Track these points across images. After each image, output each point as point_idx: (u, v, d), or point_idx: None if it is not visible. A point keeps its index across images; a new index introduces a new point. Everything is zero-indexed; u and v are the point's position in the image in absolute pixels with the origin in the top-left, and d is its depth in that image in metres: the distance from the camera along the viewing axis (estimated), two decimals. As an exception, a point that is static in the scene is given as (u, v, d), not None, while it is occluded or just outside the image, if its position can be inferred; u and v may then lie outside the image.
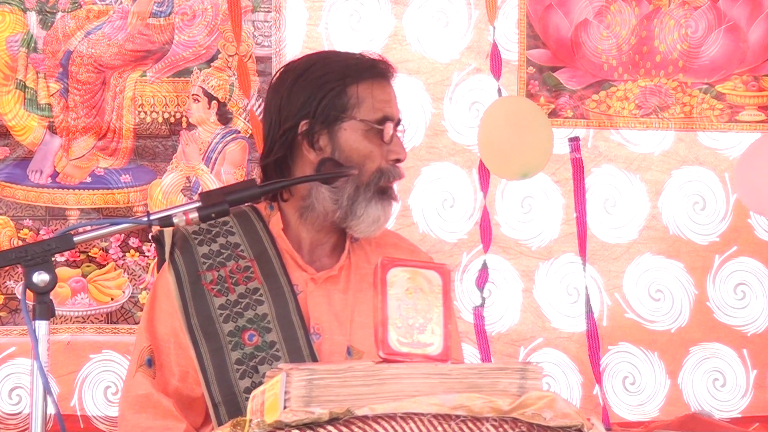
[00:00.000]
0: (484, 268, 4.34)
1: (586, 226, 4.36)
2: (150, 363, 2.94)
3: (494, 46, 4.36)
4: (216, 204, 2.61)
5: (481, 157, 4.32)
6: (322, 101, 2.95)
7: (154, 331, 2.95)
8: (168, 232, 2.99)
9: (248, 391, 2.82)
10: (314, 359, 2.86)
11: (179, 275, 2.94)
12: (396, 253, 3.08)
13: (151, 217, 2.58)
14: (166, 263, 2.96)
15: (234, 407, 2.84)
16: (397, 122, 2.99)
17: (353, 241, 3.04)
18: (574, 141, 4.38)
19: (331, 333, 2.94)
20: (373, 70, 2.99)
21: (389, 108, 2.98)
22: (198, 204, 2.61)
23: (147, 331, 2.96)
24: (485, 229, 4.33)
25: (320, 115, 2.95)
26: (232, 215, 2.94)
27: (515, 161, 4.29)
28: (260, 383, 2.76)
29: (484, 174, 4.34)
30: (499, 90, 4.36)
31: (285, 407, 2.08)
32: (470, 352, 4.30)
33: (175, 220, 2.58)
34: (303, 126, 2.96)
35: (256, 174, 3.82)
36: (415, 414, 2.10)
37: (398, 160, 2.96)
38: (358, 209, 2.94)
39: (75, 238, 2.52)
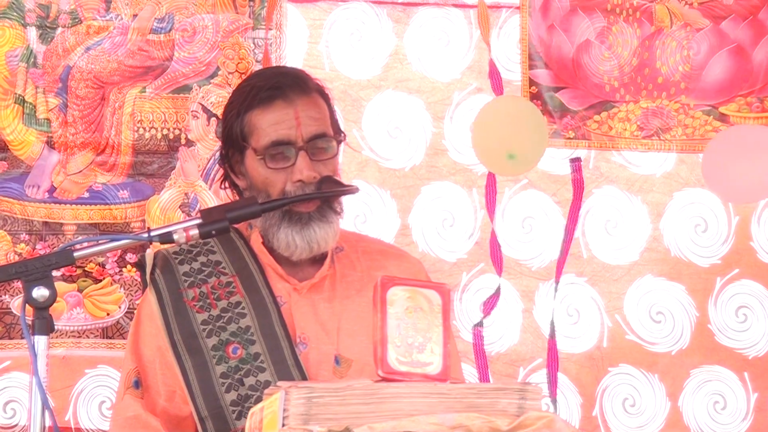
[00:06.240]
0: (497, 294, 4.33)
1: (570, 244, 4.36)
2: (137, 385, 2.96)
3: (492, 63, 4.35)
4: (217, 221, 2.61)
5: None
6: (226, 130, 3.01)
7: (140, 353, 2.97)
8: (149, 255, 3.02)
9: (235, 404, 2.85)
10: (299, 369, 2.88)
11: (160, 294, 2.96)
12: (384, 259, 3.10)
13: (152, 234, 2.58)
14: (148, 285, 2.98)
15: (221, 421, 2.85)
16: (313, 138, 2.94)
17: (338, 251, 3.04)
18: (576, 162, 4.38)
19: (317, 342, 2.95)
20: (265, 94, 2.96)
21: (283, 130, 2.94)
22: (198, 221, 2.61)
23: (133, 354, 2.98)
24: (495, 255, 4.32)
25: (229, 143, 3.00)
26: None
27: (501, 142, 4.26)
28: (246, 396, 2.83)
29: (491, 194, 4.33)
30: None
31: (283, 425, 2.09)
32: (468, 372, 4.29)
33: (175, 236, 2.58)
34: (223, 152, 3.03)
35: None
36: (414, 433, 2.09)
37: (303, 181, 2.91)
38: (270, 236, 2.96)
39: (75, 254, 2.53)
